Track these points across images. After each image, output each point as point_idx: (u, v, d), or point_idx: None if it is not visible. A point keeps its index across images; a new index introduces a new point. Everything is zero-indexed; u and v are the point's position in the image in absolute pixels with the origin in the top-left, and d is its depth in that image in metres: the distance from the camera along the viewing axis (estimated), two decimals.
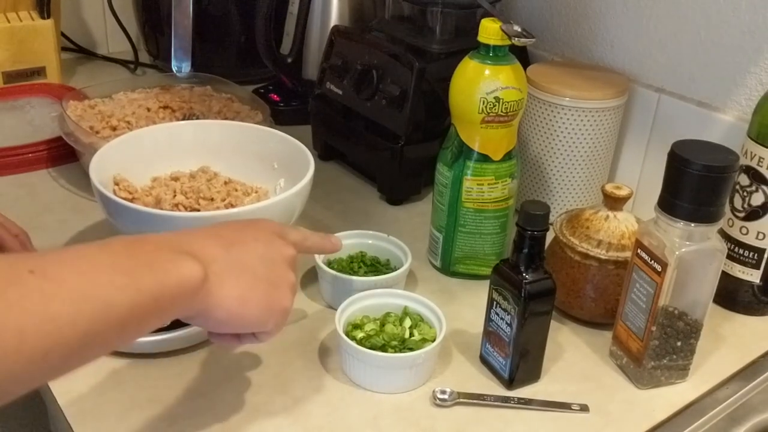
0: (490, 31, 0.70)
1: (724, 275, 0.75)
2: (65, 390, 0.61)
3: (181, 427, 0.59)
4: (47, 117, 1.03)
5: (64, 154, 0.96)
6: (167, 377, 0.64)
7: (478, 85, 0.70)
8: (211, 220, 0.65)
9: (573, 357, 0.70)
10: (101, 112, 0.93)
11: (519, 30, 0.69)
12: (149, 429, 0.58)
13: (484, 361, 0.68)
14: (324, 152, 1.02)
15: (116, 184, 0.73)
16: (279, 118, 1.06)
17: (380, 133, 0.91)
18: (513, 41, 0.69)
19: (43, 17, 1.12)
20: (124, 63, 1.27)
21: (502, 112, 0.71)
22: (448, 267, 0.80)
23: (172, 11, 1.12)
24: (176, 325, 0.66)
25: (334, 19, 1.08)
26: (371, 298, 0.70)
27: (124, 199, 0.68)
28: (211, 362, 0.66)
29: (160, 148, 0.78)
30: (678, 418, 0.64)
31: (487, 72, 0.71)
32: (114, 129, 0.89)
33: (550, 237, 0.73)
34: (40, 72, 1.13)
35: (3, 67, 1.10)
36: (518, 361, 0.64)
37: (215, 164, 0.79)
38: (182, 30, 1.11)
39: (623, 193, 0.71)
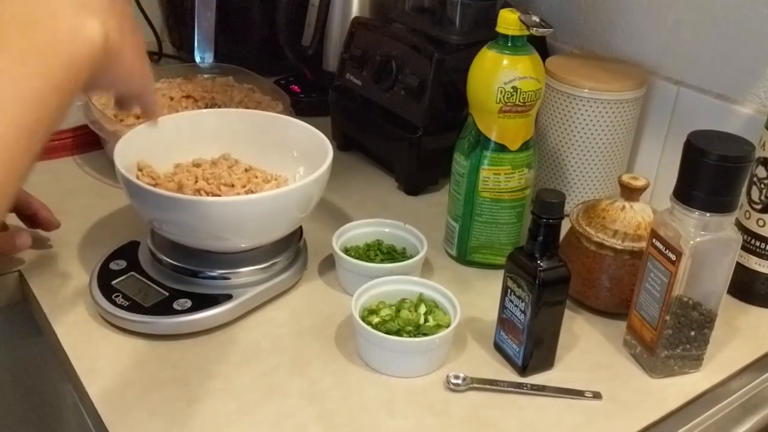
0: (508, 21, 0.70)
1: (741, 267, 0.75)
2: (88, 369, 0.63)
3: (200, 407, 0.60)
4: (73, 106, 1.05)
5: (88, 142, 0.98)
6: (187, 358, 0.65)
7: (496, 74, 0.71)
8: (231, 204, 0.67)
9: (587, 346, 0.70)
10: None
11: (537, 20, 0.69)
12: (169, 407, 0.60)
13: (498, 348, 0.69)
14: (343, 143, 1.03)
15: (140, 169, 0.75)
16: (299, 109, 1.07)
17: (398, 124, 0.92)
18: (531, 31, 0.69)
19: None
20: (148, 54, 1.29)
21: (519, 102, 0.72)
22: (464, 256, 0.80)
23: (196, 3, 1.14)
24: (197, 307, 0.67)
25: (354, 11, 1.09)
26: (387, 285, 0.71)
27: (148, 184, 0.70)
28: (230, 344, 0.67)
29: (182, 135, 0.79)
30: (690, 407, 0.64)
31: (505, 62, 0.71)
32: (138, 117, 0.91)
33: (566, 227, 0.74)
34: None
35: None
36: (532, 348, 0.65)
37: (236, 152, 0.80)
38: (205, 22, 1.13)
39: (640, 183, 0.72)
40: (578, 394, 0.64)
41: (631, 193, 0.72)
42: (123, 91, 0.54)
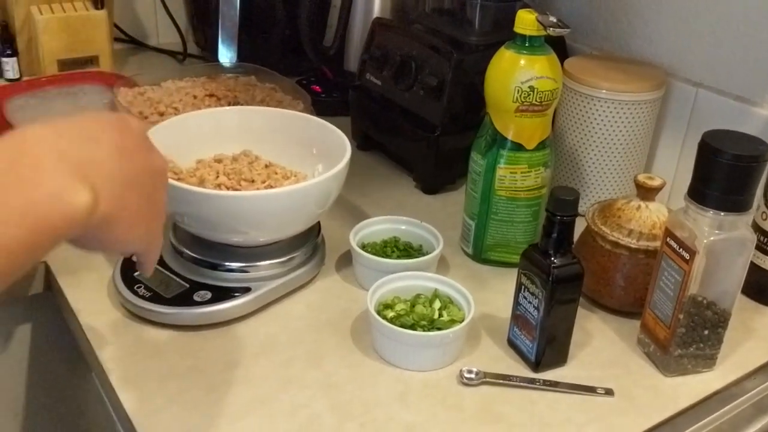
0: (526, 21, 0.71)
1: (757, 268, 0.75)
2: (110, 357, 0.65)
3: (218, 396, 0.62)
4: (99, 103, 1.08)
5: None
6: (206, 349, 0.67)
7: (514, 74, 0.72)
8: (251, 199, 0.68)
9: (600, 344, 0.71)
10: (150, 99, 0.97)
11: (554, 20, 0.70)
12: (187, 396, 0.61)
13: (511, 344, 0.70)
14: (362, 142, 1.05)
15: None
16: (320, 109, 1.08)
17: (417, 123, 0.93)
18: (548, 31, 0.70)
19: (97, 8, 1.16)
20: (172, 54, 1.31)
21: (536, 101, 0.73)
22: (479, 254, 0.81)
23: (220, 4, 1.16)
24: (216, 299, 0.69)
25: (376, 12, 1.10)
26: (402, 280, 0.72)
27: (170, 179, 0.71)
28: (248, 336, 0.69)
29: (205, 132, 0.81)
30: (703, 405, 0.64)
31: (522, 62, 0.72)
32: (162, 114, 0.93)
33: (582, 227, 0.75)
34: (93, 61, 1.18)
35: (58, 55, 1.15)
36: (545, 345, 0.66)
37: (257, 148, 0.82)
38: (229, 22, 1.15)
39: (655, 183, 0.72)
40: (590, 390, 0.65)
41: (646, 192, 0.72)
42: (119, 252, 0.53)
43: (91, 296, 0.72)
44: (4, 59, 1.16)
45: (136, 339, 0.67)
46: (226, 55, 1.16)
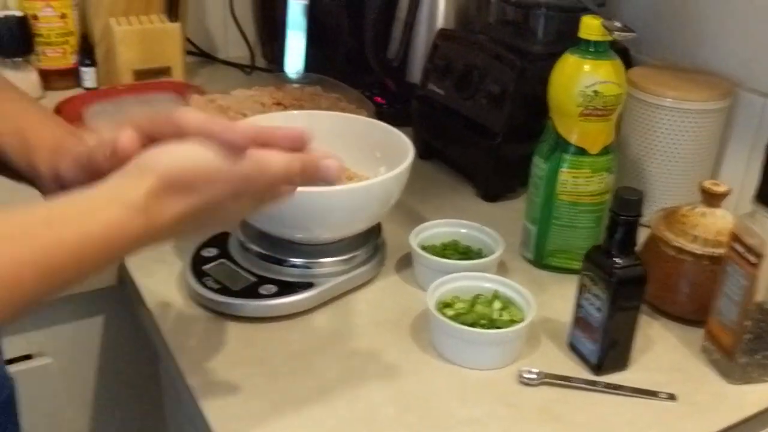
0: (591, 26, 0.72)
1: None
2: (180, 346, 0.67)
3: (282, 385, 0.63)
4: (170, 100, 1.13)
5: None
6: (271, 340, 0.69)
7: (578, 78, 0.72)
8: (316, 195, 0.70)
9: (663, 350, 0.70)
10: (220, 106, 1.00)
11: (619, 25, 0.71)
12: (252, 383, 0.63)
13: (572, 347, 0.69)
14: (424, 151, 1.06)
15: None
16: (382, 119, 1.10)
17: (479, 131, 0.94)
18: (613, 36, 0.71)
19: (171, 21, 1.22)
20: (241, 67, 1.36)
21: (600, 105, 0.73)
22: (540, 259, 0.81)
23: (288, 17, 1.20)
24: (281, 293, 0.71)
25: (439, 25, 1.12)
26: (463, 280, 0.72)
27: None
28: (310, 329, 0.70)
29: None
30: None
31: (586, 66, 0.73)
32: (244, 115, 0.96)
33: (645, 234, 0.74)
34: (165, 71, 1.23)
35: (134, 65, 1.20)
36: (607, 347, 0.65)
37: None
38: (296, 32, 1.18)
39: (721, 189, 0.71)
40: (652, 394, 0.64)
41: (712, 198, 0.72)
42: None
43: (162, 288, 0.75)
44: (84, 69, 1.21)
45: (204, 329, 0.70)
46: (292, 67, 1.19)
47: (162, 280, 0.76)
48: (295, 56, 1.19)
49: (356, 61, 1.25)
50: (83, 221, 0.44)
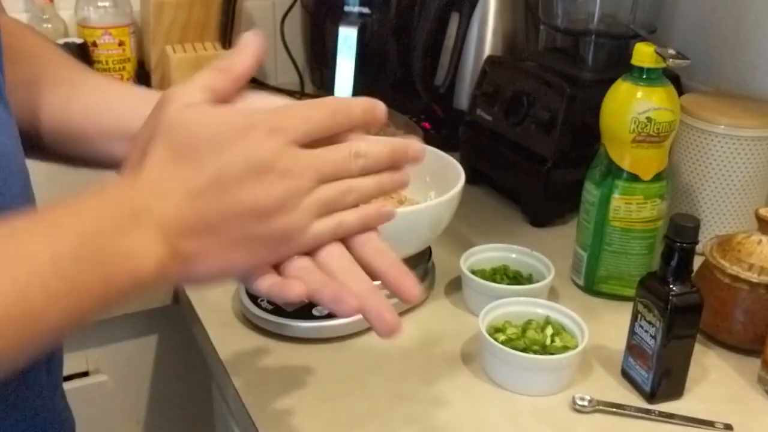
0: (644, 54, 0.72)
1: None
2: (234, 364, 0.69)
3: (335, 405, 0.64)
4: None
5: None
6: (324, 360, 0.70)
7: (631, 105, 0.73)
8: None
9: (718, 379, 0.69)
10: None
11: (673, 52, 0.71)
12: (306, 403, 0.64)
13: (625, 374, 0.69)
14: (472, 176, 1.06)
15: None
16: (429, 144, 1.11)
17: (527, 157, 0.95)
18: (668, 63, 0.71)
19: (224, 48, 1.25)
20: (290, 93, 1.38)
21: (653, 132, 0.73)
22: (591, 286, 0.81)
23: (338, 45, 1.22)
24: (333, 315, 0.72)
25: (487, 52, 1.13)
26: (514, 305, 0.72)
27: None
28: (362, 351, 0.71)
29: None
30: None
31: (639, 93, 0.73)
32: None
33: (698, 262, 0.74)
34: None
35: None
36: (661, 375, 0.65)
37: None
38: (346, 61, 1.21)
39: None
40: (708, 424, 0.63)
41: None
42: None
43: (217, 308, 0.77)
44: None
45: (258, 349, 0.71)
46: (341, 94, 1.22)
47: (217, 300, 0.78)
48: (344, 83, 1.21)
49: (404, 87, 1.27)
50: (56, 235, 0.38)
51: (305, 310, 0.73)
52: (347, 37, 1.21)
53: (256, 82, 1.42)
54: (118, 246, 0.39)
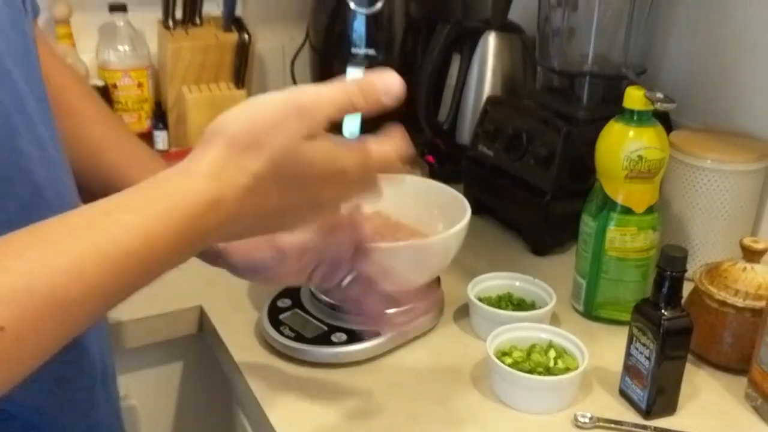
0: (634, 97, 0.79)
1: None
2: (258, 388, 0.74)
3: (354, 424, 0.70)
4: None
5: None
6: (342, 384, 0.75)
7: (623, 144, 0.79)
8: (381, 251, 0.76)
9: (709, 397, 0.75)
10: None
11: (661, 96, 0.77)
12: (327, 423, 0.70)
13: (622, 393, 0.74)
14: (475, 207, 1.11)
15: None
16: (434, 177, 1.18)
17: (528, 190, 1.01)
18: (656, 106, 0.77)
19: (237, 88, 1.32)
20: None
21: (644, 169, 0.79)
22: (590, 311, 0.87)
23: None
24: (351, 341, 0.77)
25: (486, 91, 1.20)
26: (519, 330, 0.78)
27: None
28: (378, 374, 0.77)
29: None
30: None
31: (631, 133, 0.79)
32: None
33: (690, 288, 0.79)
34: None
35: (203, 129, 1.29)
36: (655, 393, 0.70)
37: (386, 209, 0.91)
38: None
39: (760, 246, 0.76)
40: None
41: (752, 255, 0.77)
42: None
43: (241, 336, 0.82)
44: (156, 132, 1.31)
45: (281, 374, 0.76)
46: (349, 131, 1.28)
47: (240, 328, 0.83)
48: (351, 121, 1.28)
49: (408, 123, 1.33)
50: (147, 202, 0.42)
51: (324, 337, 0.78)
52: (354, 76, 1.28)
53: None
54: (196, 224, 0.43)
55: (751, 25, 0.96)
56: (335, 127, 0.53)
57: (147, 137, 1.31)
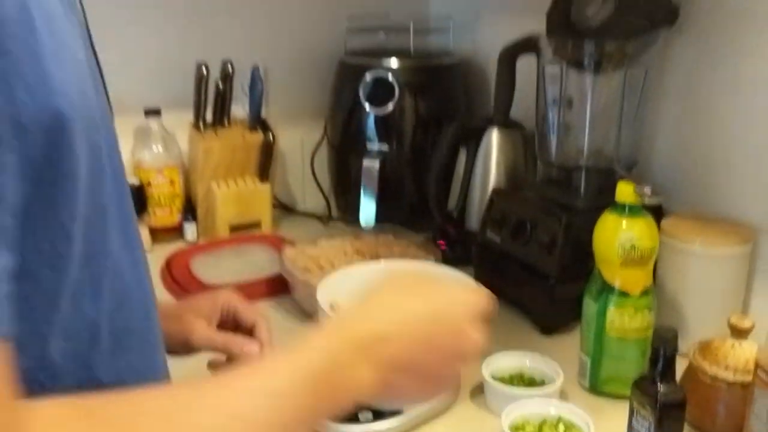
0: (625, 192, 0.88)
1: None
2: None
3: None
4: (262, 259, 1.31)
5: (278, 289, 1.20)
6: None
7: (617, 235, 0.88)
8: None
9: None
10: (311, 256, 1.18)
11: (649, 192, 0.87)
12: None
13: None
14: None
15: (331, 307, 0.95)
16: (445, 261, 1.27)
17: (534, 273, 1.10)
18: (644, 200, 0.87)
19: (262, 182, 1.43)
20: (318, 217, 1.55)
21: (637, 256, 0.88)
22: (595, 387, 0.94)
23: (362, 176, 1.40)
24: (376, 418, 0.85)
25: (492, 181, 1.30)
26: (530, 406, 0.85)
27: None
28: None
29: (362, 281, 1.00)
30: None
31: (623, 224, 0.88)
32: (321, 268, 1.13)
33: (685, 363, 0.87)
34: (256, 225, 1.42)
35: (230, 221, 1.40)
36: None
37: None
38: (369, 190, 1.38)
39: (746, 324, 0.84)
40: None
41: (739, 332, 0.85)
42: None
43: None
44: (186, 224, 1.42)
45: None
46: (365, 220, 1.38)
47: None
48: (368, 210, 1.38)
49: (420, 211, 1.44)
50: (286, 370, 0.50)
51: (352, 415, 0.85)
52: (369, 169, 1.39)
53: (286, 208, 1.59)
54: (348, 378, 0.52)
55: (728, 117, 1.07)
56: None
57: (177, 230, 1.41)
